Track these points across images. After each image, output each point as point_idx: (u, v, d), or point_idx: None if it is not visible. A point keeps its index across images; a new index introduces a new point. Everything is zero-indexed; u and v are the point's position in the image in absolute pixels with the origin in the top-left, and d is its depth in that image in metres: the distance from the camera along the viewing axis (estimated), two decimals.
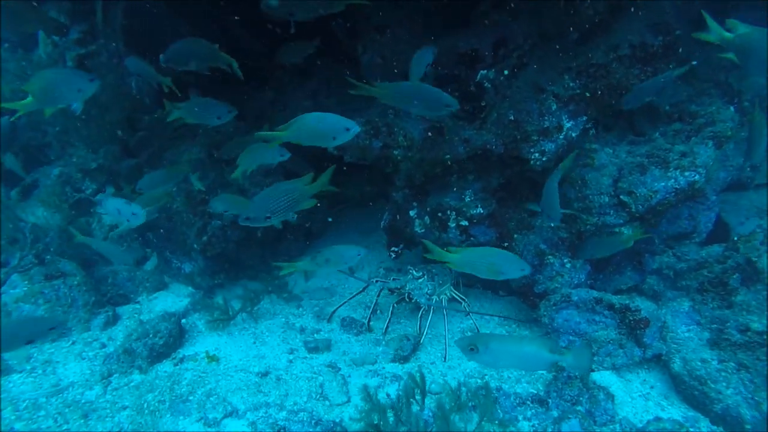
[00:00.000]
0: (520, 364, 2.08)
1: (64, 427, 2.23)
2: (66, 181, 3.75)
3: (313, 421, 2.28)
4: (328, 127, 2.24)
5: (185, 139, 4.18)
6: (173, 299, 3.88)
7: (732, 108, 3.08)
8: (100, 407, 2.39)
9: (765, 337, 2.43)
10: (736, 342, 2.56)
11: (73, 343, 3.07)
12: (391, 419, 1.84)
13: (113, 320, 3.42)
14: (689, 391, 2.67)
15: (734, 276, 2.75)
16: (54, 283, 3.37)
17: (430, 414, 1.88)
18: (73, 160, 3.76)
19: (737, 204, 4.13)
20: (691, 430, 2.16)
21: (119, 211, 2.68)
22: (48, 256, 3.69)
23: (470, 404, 2.38)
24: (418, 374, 2.00)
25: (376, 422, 1.77)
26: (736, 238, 2.88)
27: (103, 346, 3.00)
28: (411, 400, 1.79)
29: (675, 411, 2.67)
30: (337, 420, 2.37)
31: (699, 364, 2.65)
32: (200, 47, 3.04)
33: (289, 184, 2.47)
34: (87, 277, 3.67)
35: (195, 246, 3.87)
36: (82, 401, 2.43)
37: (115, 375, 2.65)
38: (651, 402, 2.76)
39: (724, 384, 2.54)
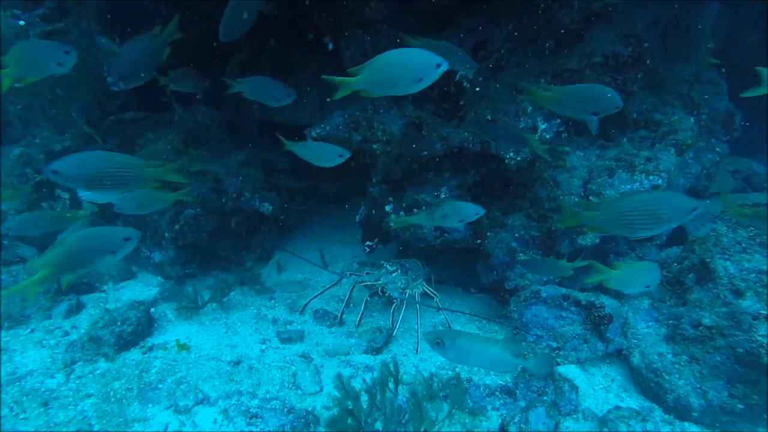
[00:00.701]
0: (484, 364, 2.09)
1: (22, 416, 2.13)
2: (26, 162, 3.59)
3: (285, 409, 2.27)
4: (413, 65, 1.83)
5: (159, 125, 4.09)
6: (141, 288, 3.78)
7: (692, 119, 3.27)
8: (62, 395, 2.30)
9: (714, 331, 2.60)
10: (689, 336, 2.72)
11: (32, 331, 2.95)
12: (365, 404, 1.86)
13: (77, 308, 3.29)
14: (646, 383, 2.82)
15: (690, 275, 2.92)
16: (12, 268, 3.23)
17: (404, 400, 1.92)
18: (36, 141, 3.60)
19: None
20: (647, 417, 2.29)
21: None
22: (6, 241, 3.52)
23: (441, 394, 2.44)
24: (392, 363, 2.03)
25: (350, 407, 1.79)
26: (692, 240, 3.05)
27: (66, 334, 2.90)
28: (385, 387, 1.82)
29: (633, 402, 2.81)
30: (310, 409, 2.38)
31: (656, 357, 2.80)
32: (148, 45, 2.68)
33: (127, 158, 2.08)
34: None
35: (167, 234, 3.78)
36: (42, 389, 2.33)
37: (79, 363, 2.56)
38: (611, 394, 2.90)
39: (676, 375, 2.70)
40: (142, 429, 2.12)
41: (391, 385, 1.96)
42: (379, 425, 1.92)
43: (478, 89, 3.04)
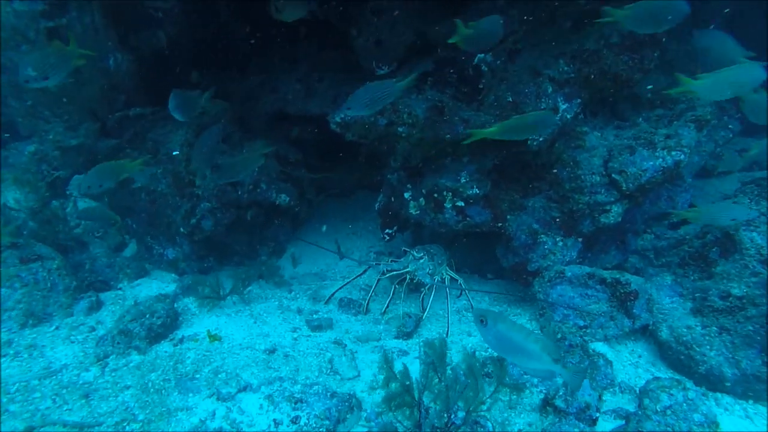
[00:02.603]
0: (516, 356, 1.94)
1: (65, 408, 2.09)
2: (42, 158, 3.51)
3: (328, 394, 2.26)
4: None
5: (168, 120, 4.02)
6: (158, 285, 3.73)
7: None
8: (101, 387, 2.26)
9: (744, 300, 2.64)
10: (719, 308, 2.76)
11: (57, 328, 2.89)
12: (422, 381, 1.86)
13: (97, 306, 3.24)
14: (676, 356, 2.85)
15: (713, 249, 2.96)
16: (31, 266, 3.15)
17: (460, 372, 1.92)
18: (49, 137, 3.52)
19: (704, 190, 4.45)
20: (689, 386, 2.31)
21: None
22: (21, 240, 3.44)
23: (481, 373, 2.44)
24: (438, 341, 2.02)
25: (407, 383, 1.79)
26: None
27: (92, 329, 2.84)
28: (443, 361, 1.82)
29: (662, 375, 2.84)
30: (351, 392, 2.36)
31: (685, 330, 2.84)
32: None
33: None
34: (65, 261, 3.45)
35: (182, 230, 3.73)
36: (80, 382, 2.29)
37: (111, 356, 2.51)
38: (640, 369, 2.93)
39: (707, 347, 2.73)
40: (187, 417, 2.09)
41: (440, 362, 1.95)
42: (431, 403, 1.91)
43: (505, 74, 3.04)
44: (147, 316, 2.70)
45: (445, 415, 1.78)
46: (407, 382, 1.78)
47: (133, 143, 3.97)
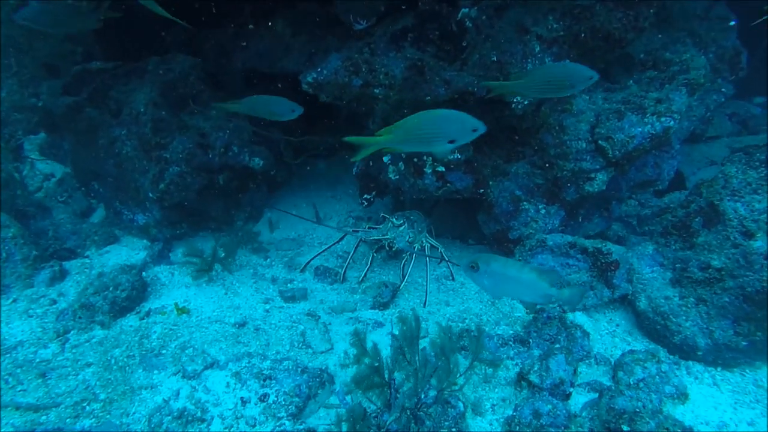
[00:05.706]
0: (516, 291, 2.00)
1: (19, 388, 2.00)
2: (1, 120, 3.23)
3: (299, 369, 2.20)
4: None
5: (132, 76, 3.73)
6: (128, 252, 3.58)
7: (703, 57, 3.15)
8: (60, 365, 2.16)
9: (723, 272, 2.60)
10: (697, 279, 2.73)
11: (15, 300, 2.75)
12: (390, 362, 1.79)
13: (60, 276, 3.09)
14: (652, 326, 2.84)
15: (696, 219, 2.90)
16: None
17: (432, 353, 1.86)
18: (2, 94, 3.21)
19: (690, 156, 4.37)
20: (662, 359, 2.31)
21: None
22: None
23: (457, 346, 2.40)
24: (413, 318, 1.94)
25: (376, 365, 1.72)
26: (698, 183, 3.01)
27: (53, 302, 2.72)
28: (414, 341, 1.75)
29: (638, 345, 2.85)
30: (323, 367, 2.31)
31: (663, 301, 2.82)
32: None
33: None
34: (23, 230, 3.27)
35: (151, 195, 3.54)
36: (37, 360, 2.18)
37: (72, 332, 2.40)
38: (617, 339, 2.93)
39: (683, 317, 2.72)
40: (151, 396, 2.02)
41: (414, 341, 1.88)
42: (401, 380, 1.86)
43: (491, 30, 2.82)
44: (110, 288, 2.58)
45: (415, 397, 1.72)
46: (376, 364, 1.71)
47: (94, 101, 3.69)
